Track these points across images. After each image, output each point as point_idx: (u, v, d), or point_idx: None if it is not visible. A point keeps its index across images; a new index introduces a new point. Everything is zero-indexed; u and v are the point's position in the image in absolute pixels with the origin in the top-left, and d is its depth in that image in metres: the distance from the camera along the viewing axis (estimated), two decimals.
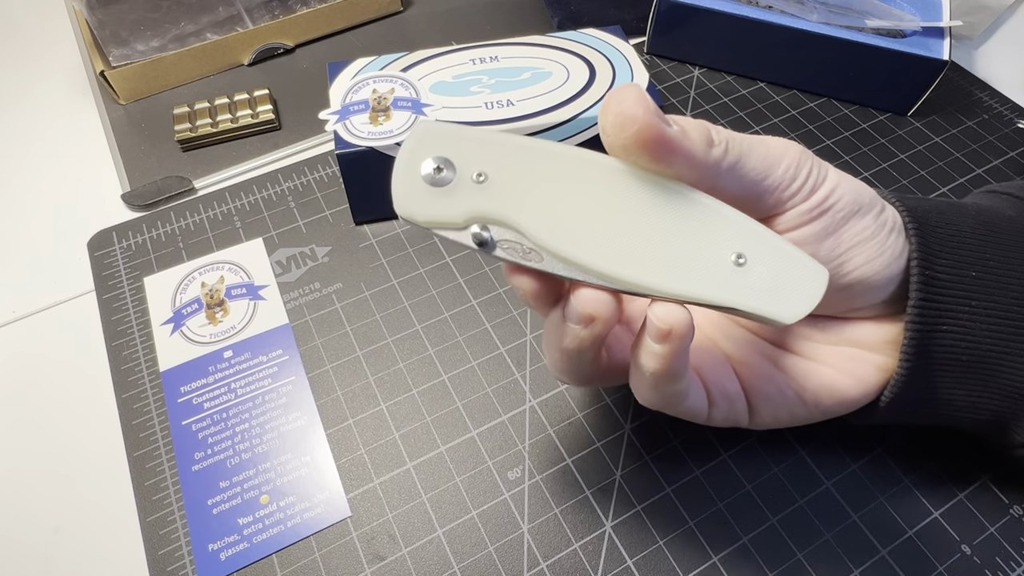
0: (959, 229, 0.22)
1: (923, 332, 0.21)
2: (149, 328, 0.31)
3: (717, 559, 0.25)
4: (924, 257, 0.21)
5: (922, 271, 0.21)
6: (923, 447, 0.28)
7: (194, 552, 0.25)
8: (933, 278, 0.21)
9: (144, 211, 0.37)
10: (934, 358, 0.22)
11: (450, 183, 0.17)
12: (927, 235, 0.22)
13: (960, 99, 0.42)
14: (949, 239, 0.22)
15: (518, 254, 0.18)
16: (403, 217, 0.17)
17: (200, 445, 0.28)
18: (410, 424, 0.29)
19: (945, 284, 0.21)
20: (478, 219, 0.17)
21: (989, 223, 0.23)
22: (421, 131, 0.17)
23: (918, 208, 0.22)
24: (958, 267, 0.22)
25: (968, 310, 0.22)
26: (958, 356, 0.22)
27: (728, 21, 0.40)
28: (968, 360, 0.22)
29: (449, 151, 0.17)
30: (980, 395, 0.22)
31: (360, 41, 0.46)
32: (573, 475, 0.27)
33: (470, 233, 0.17)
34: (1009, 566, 0.25)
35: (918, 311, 0.21)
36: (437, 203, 0.17)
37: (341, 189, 0.37)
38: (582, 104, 0.34)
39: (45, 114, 0.42)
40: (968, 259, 0.22)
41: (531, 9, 0.48)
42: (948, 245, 0.22)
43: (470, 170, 0.17)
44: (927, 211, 0.22)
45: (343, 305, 0.32)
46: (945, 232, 0.22)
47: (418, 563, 0.25)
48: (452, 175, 0.17)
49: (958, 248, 0.22)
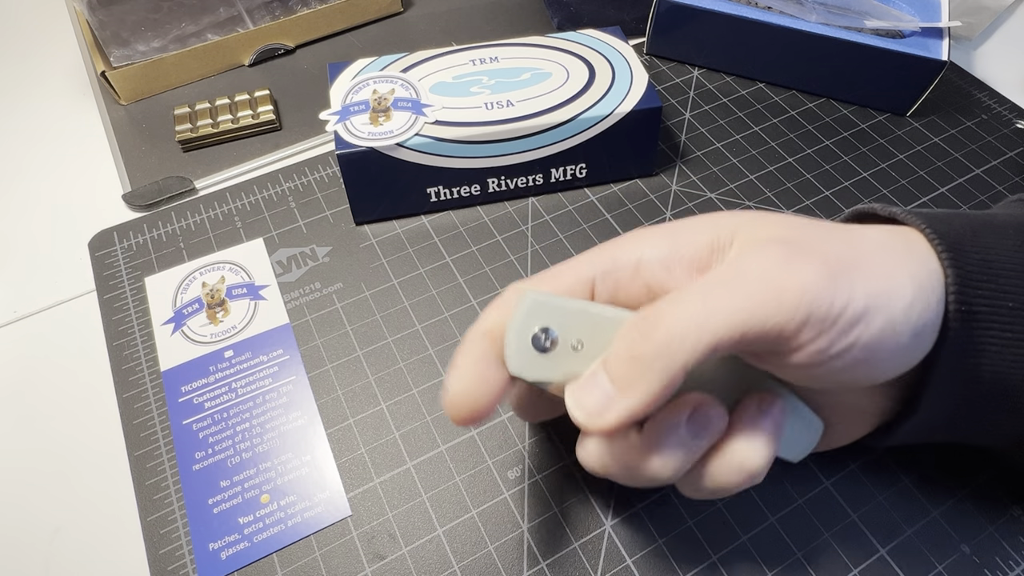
0: (998, 255, 0.20)
1: (951, 368, 0.20)
2: (150, 328, 0.31)
3: (716, 558, 0.25)
4: (961, 292, 0.19)
5: (959, 308, 0.19)
6: (923, 447, 0.28)
7: (195, 551, 0.25)
8: (970, 314, 0.19)
9: (145, 211, 0.37)
10: (956, 391, 0.20)
11: (553, 351, 0.20)
12: (963, 266, 0.19)
13: (959, 99, 0.42)
14: (987, 267, 0.19)
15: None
16: (515, 375, 0.20)
17: (201, 444, 0.28)
18: (410, 423, 0.29)
19: (982, 318, 0.19)
20: (574, 379, 0.20)
21: None
22: (529, 305, 0.20)
23: (950, 233, 0.20)
24: (996, 298, 0.19)
25: (1001, 342, 0.19)
26: (981, 387, 0.20)
27: (727, 22, 0.40)
28: (991, 391, 0.20)
29: (552, 322, 0.20)
30: (1004, 421, 0.21)
31: (360, 42, 0.46)
32: (573, 475, 0.27)
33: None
34: (1008, 566, 0.25)
35: (950, 349, 0.19)
36: (543, 365, 0.20)
37: (341, 189, 0.37)
38: (582, 104, 0.34)
39: (46, 114, 0.42)
40: (1007, 288, 0.19)
41: (531, 10, 0.48)
42: (986, 274, 0.19)
43: (570, 338, 0.20)
44: (960, 235, 0.20)
45: (343, 305, 0.33)
46: (982, 258, 0.19)
47: (418, 562, 0.25)
48: (555, 344, 0.20)
49: (996, 278, 0.19)
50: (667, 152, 0.39)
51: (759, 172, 0.38)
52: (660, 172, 0.38)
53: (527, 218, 0.36)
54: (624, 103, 0.34)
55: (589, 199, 0.37)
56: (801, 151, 0.39)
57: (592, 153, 0.35)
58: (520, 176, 0.35)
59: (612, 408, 0.18)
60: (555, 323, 0.20)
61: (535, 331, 0.20)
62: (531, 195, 0.37)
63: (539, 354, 0.20)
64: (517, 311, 0.20)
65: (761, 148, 0.39)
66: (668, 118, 0.41)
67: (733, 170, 0.38)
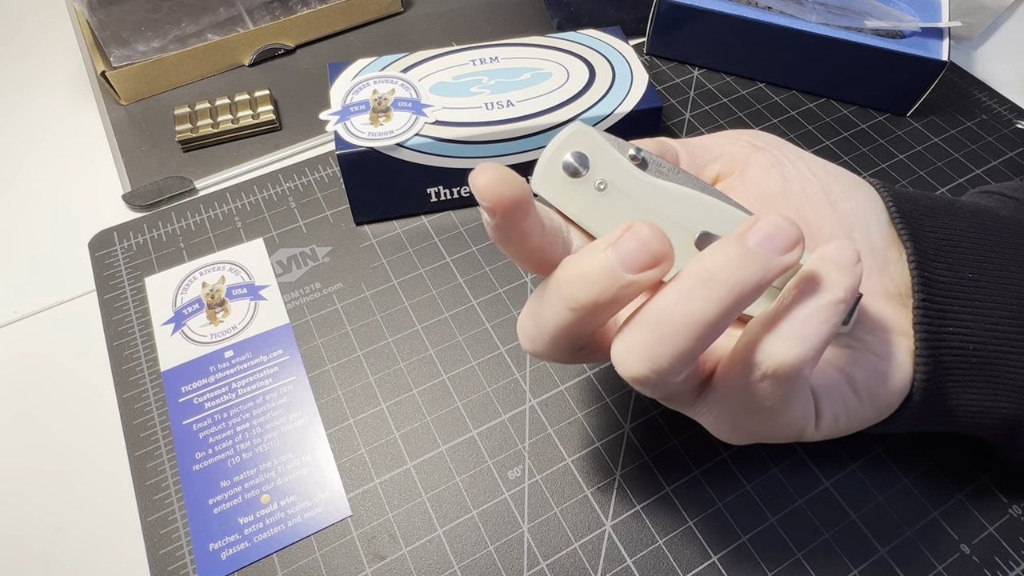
0: (953, 231, 0.22)
1: (931, 333, 0.21)
2: (150, 328, 0.31)
3: (716, 558, 0.25)
4: (920, 260, 0.21)
5: (920, 273, 0.21)
6: (923, 447, 0.28)
7: (195, 551, 0.26)
8: (932, 280, 0.21)
9: (145, 211, 0.37)
10: (945, 362, 0.22)
11: (578, 179, 0.20)
12: (920, 239, 0.22)
13: (959, 100, 0.42)
14: (943, 242, 0.22)
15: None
16: (535, 191, 0.20)
17: (201, 445, 0.28)
18: (410, 424, 0.29)
19: (944, 286, 0.21)
20: (582, 220, 0.20)
21: (983, 225, 0.23)
22: (575, 128, 0.20)
23: (913, 212, 0.22)
24: (954, 269, 0.22)
25: (970, 311, 0.22)
26: (968, 359, 0.22)
27: (727, 22, 0.40)
28: (977, 363, 0.22)
29: (590, 152, 0.20)
30: (992, 398, 0.22)
31: (361, 42, 0.46)
32: (573, 475, 0.27)
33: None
34: (1008, 566, 0.25)
35: (922, 312, 0.21)
36: (564, 190, 0.20)
37: (341, 189, 0.37)
38: (582, 105, 0.34)
39: (46, 115, 0.42)
40: (963, 261, 0.22)
41: (531, 10, 0.48)
42: (943, 247, 0.22)
43: (597, 177, 0.20)
44: (922, 213, 0.22)
45: (343, 305, 0.33)
46: (938, 236, 0.22)
47: (418, 562, 0.25)
48: (582, 174, 0.20)
49: (952, 249, 0.22)
50: None
51: None
52: None
53: None
54: (624, 103, 0.34)
55: None
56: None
57: None
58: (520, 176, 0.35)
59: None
60: (592, 154, 0.20)
61: (569, 154, 0.20)
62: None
63: (566, 177, 0.20)
64: (561, 132, 0.20)
65: None
66: (668, 118, 0.41)
67: None
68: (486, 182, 0.17)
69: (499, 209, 0.17)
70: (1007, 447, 0.24)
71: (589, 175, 0.20)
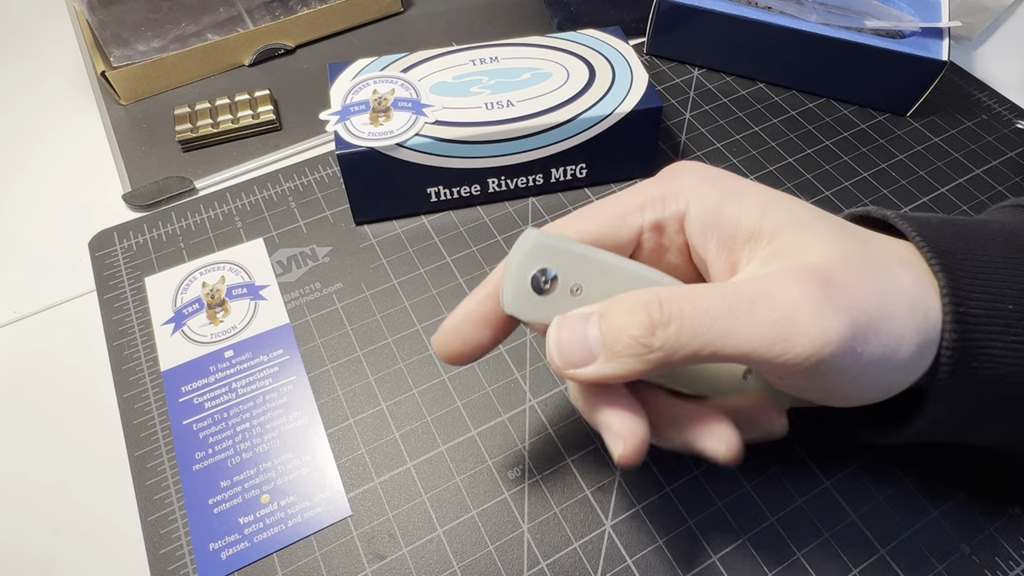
0: (989, 259, 0.20)
1: (955, 375, 0.20)
2: (150, 328, 0.31)
3: (716, 558, 0.25)
4: (955, 295, 0.19)
5: (955, 310, 0.19)
6: (923, 446, 0.28)
7: (195, 551, 0.26)
8: (967, 315, 0.19)
9: (145, 211, 0.37)
10: (964, 398, 0.20)
11: (551, 292, 0.20)
12: (954, 270, 0.20)
13: (959, 100, 0.42)
14: (979, 271, 0.20)
15: None
16: (509, 313, 0.20)
17: (201, 445, 0.28)
18: (410, 424, 0.29)
19: (982, 321, 0.19)
20: None
21: (1021, 248, 0.21)
22: (531, 244, 0.20)
23: (940, 240, 0.20)
24: (993, 301, 0.20)
25: (1003, 345, 0.20)
26: (986, 392, 0.20)
27: (727, 22, 0.40)
28: (999, 396, 0.20)
29: (553, 263, 0.20)
30: (1013, 423, 0.21)
31: (361, 42, 0.46)
32: (573, 474, 0.27)
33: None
34: (1008, 565, 0.25)
35: (951, 353, 0.19)
36: (539, 307, 0.20)
37: (341, 189, 0.37)
38: (582, 105, 0.34)
39: (46, 115, 0.42)
40: (1003, 292, 0.20)
41: (531, 10, 0.48)
42: (979, 278, 0.20)
43: (569, 282, 0.20)
44: (951, 243, 0.20)
45: (343, 305, 0.33)
46: (973, 265, 0.20)
47: (418, 562, 0.25)
48: (554, 285, 0.20)
49: (990, 281, 0.20)
50: (667, 152, 0.39)
51: (759, 172, 0.38)
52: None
53: (527, 218, 0.36)
54: (624, 103, 0.34)
55: (589, 199, 0.37)
56: (801, 151, 0.39)
57: (592, 153, 0.35)
58: (520, 176, 0.35)
59: (590, 367, 0.19)
60: (556, 265, 0.20)
61: (534, 271, 0.20)
62: (531, 195, 0.37)
63: (536, 295, 0.20)
64: (518, 250, 0.20)
65: (761, 148, 0.39)
66: (668, 118, 0.41)
67: (733, 170, 0.38)
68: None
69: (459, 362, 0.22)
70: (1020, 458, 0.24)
71: (561, 285, 0.20)
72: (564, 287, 0.20)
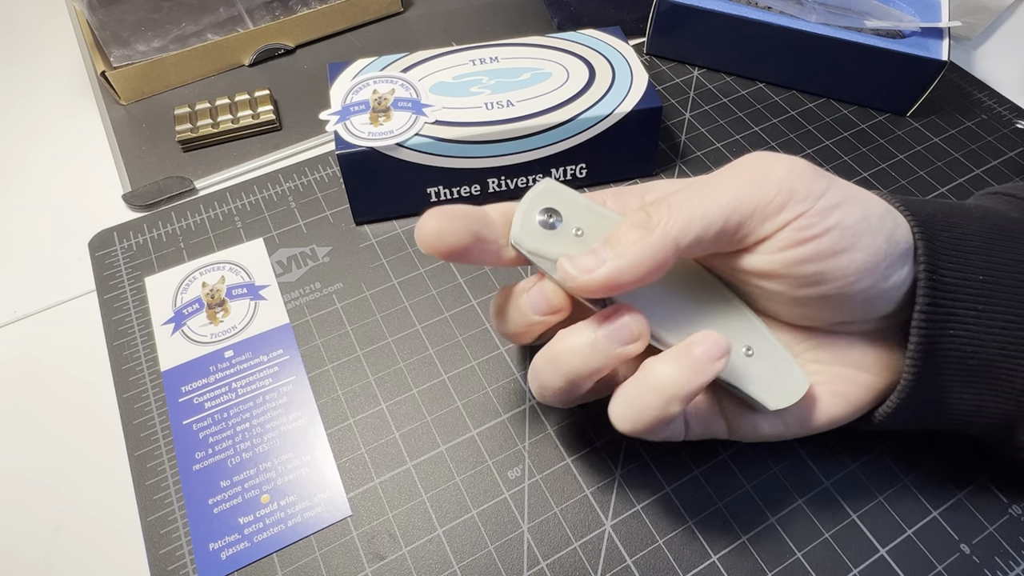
0: (964, 232, 0.22)
1: (930, 337, 0.21)
2: (150, 328, 0.31)
3: (716, 558, 0.25)
4: (931, 262, 0.21)
5: (929, 276, 0.21)
6: (922, 447, 0.28)
7: (195, 551, 0.26)
8: (940, 283, 0.21)
9: (145, 211, 0.37)
10: (940, 363, 0.22)
11: (555, 230, 0.22)
12: (933, 239, 0.21)
13: (959, 100, 0.42)
14: (955, 243, 0.22)
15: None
16: (514, 243, 0.22)
17: (201, 444, 0.28)
18: (410, 423, 0.29)
19: (952, 288, 0.21)
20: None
21: (995, 226, 0.22)
22: (543, 187, 0.22)
23: (923, 212, 0.22)
24: (965, 271, 0.21)
25: (975, 314, 0.21)
26: (965, 360, 0.22)
27: (727, 22, 0.40)
28: (975, 364, 0.22)
29: (559, 206, 0.22)
30: (987, 399, 0.22)
31: (361, 42, 0.46)
32: (573, 474, 0.27)
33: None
34: (1008, 565, 0.25)
35: (925, 316, 0.21)
36: (543, 240, 0.22)
37: (341, 189, 0.37)
38: (582, 104, 0.34)
39: (46, 114, 0.42)
40: (975, 263, 0.21)
41: (531, 10, 0.48)
42: (954, 249, 0.21)
43: (572, 225, 0.22)
44: (932, 215, 0.22)
45: (343, 305, 0.33)
46: (951, 236, 0.22)
47: (418, 562, 0.25)
48: (558, 225, 0.22)
49: (964, 252, 0.21)
50: (667, 152, 0.39)
51: None
52: (660, 172, 0.38)
53: None
54: (624, 103, 0.34)
55: None
56: (801, 151, 0.39)
57: (592, 153, 0.35)
58: (520, 176, 0.35)
59: (602, 267, 0.20)
60: (562, 207, 0.22)
61: (543, 208, 0.22)
62: None
63: (542, 229, 0.22)
64: (531, 191, 0.22)
65: (761, 148, 0.39)
66: (668, 118, 0.41)
67: None
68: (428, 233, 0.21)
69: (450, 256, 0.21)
70: (1007, 448, 0.24)
71: (564, 226, 0.22)
72: (568, 228, 0.22)
